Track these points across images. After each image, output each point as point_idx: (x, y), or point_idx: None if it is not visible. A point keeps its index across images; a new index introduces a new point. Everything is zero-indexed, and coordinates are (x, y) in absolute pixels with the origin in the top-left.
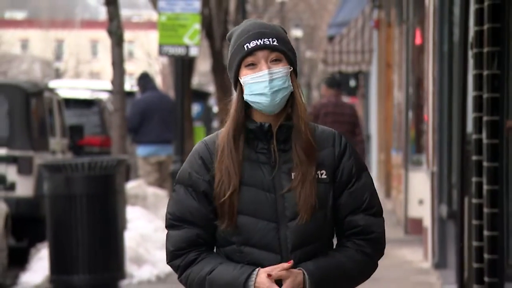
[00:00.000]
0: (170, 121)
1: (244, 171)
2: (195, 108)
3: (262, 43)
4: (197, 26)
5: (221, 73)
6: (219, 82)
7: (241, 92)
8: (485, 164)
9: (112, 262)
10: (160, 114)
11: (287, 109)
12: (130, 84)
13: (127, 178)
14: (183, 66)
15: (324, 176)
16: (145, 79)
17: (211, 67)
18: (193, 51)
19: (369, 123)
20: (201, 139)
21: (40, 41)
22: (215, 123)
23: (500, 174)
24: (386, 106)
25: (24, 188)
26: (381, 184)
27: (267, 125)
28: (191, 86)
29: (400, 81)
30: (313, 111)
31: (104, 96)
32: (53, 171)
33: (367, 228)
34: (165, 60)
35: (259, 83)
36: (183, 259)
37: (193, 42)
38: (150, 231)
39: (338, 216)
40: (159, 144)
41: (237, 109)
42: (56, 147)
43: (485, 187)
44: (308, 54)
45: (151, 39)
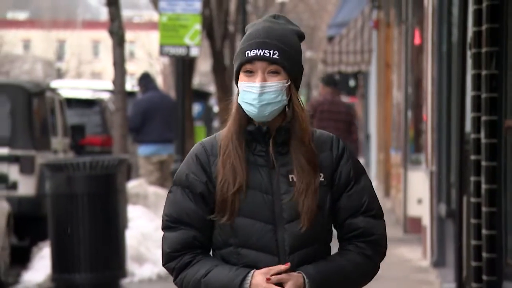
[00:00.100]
0: (172, 120)
1: None
2: (196, 108)
3: (261, 54)
4: (198, 27)
5: (221, 73)
6: (219, 82)
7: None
8: (483, 163)
9: (113, 261)
10: (161, 113)
11: (285, 112)
12: (131, 84)
13: (128, 177)
14: (184, 66)
15: (322, 179)
16: (146, 79)
17: (211, 67)
18: (194, 52)
19: (369, 122)
20: (202, 138)
21: (42, 42)
22: (215, 122)
23: (498, 173)
24: (385, 106)
25: (26, 187)
26: (380, 183)
27: (265, 128)
28: (191, 86)
29: (399, 81)
30: (310, 108)
31: (106, 96)
32: (55, 170)
33: (367, 230)
34: (166, 60)
35: (250, 93)
36: (178, 261)
37: (193, 42)
38: (151, 230)
39: (338, 220)
40: (161, 144)
41: (238, 109)
42: (57, 146)
43: (483, 186)
44: (308, 54)
45: (152, 39)
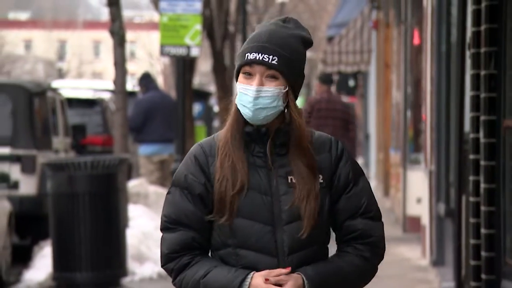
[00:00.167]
0: (172, 120)
1: None
2: (196, 108)
3: (260, 58)
4: (198, 27)
5: (221, 73)
6: (219, 82)
7: None
8: (482, 162)
9: (114, 260)
10: (162, 113)
11: (284, 114)
12: (132, 84)
13: (129, 177)
14: (184, 66)
15: (321, 181)
16: (147, 79)
17: (212, 67)
18: (194, 52)
19: (368, 122)
20: (202, 138)
21: (43, 42)
22: (216, 122)
23: (497, 172)
24: (384, 105)
25: (28, 186)
26: (380, 182)
27: (264, 129)
28: (192, 86)
29: (398, 81)
30: (307, 107)
31: (106, 95)
32: (56, 169)
33: (365, 232)
34: (166, 60)
35: (246, 95)
36: (177, 262)
37: (194, 42)
38: (151, 229)
39: (337, 222)
40: (162, 143)
41: (237, 110)
42: (59, 146)
43: (482, 185)
44: (308, 54)
45: (152, 39)
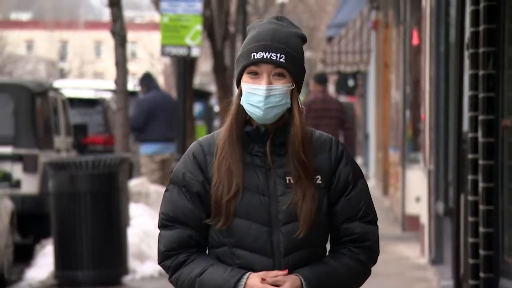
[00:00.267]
0: (173, 120)
1: None
2: (197, 108)
3: (268, 57)
4: (199, 27)
5: (222, 73)
6: (220, 82)
7: (241, 95)
8: (480, 162)
9: (115, 258)
10: (164, 113)
11: (284, 114)
12: (133, 84)
13: (130, 176)
14: (185, 66)
15: (319, 181)
16: (147, 79)
17: (212, 67)
18: (195, 52)
19: (367, 122)
20: None
21: (45, 42)
22: (216, 122)
23: (495, 172)
24: (384, 105)
25: (30, 185)
26: (379, 181)
27: (263, 129)
28: (192, 86)
29: (397, 81)
30: (305, 108)
31: (108, 95)
32: (57, 169)
33: (362, 235)
34: (167, 60)
35: (256, 95)
36: (174, 260)
37: (194, 42)
38: (152, 227)
39: (334, 223)
40: (164, 142)
41: (238, 110)
42: (60, 145)
43: (480, 184)
44: (307, 54)
45: (153, 39)
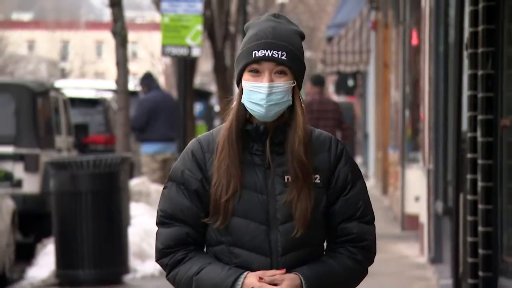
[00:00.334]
0: (174, 119)
1: None
2: (197, 107)
3: (270, 55)
4: (199, 27)
5: (222, 73)
6: (220, 81)
7: (242, 93)
8: (479, 161)
9: (116, 257)
10: (165, 113)
11: (285, 113)
12: (134, 84)
13: (131, 176)
14: (185, 66)
15: (318, 181)
16: (148, 79)
17: (212, 67)
18: (195, 52)
19: (367, 122)
20: None
21: (46, 42)
22: (216, 121)
23: (494, 171)
24: (383, 105)
25: (31, 185)
26: (378, 181)
27: (262, 127)
28: (193, 86)
29: (397, 81)
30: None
31: (109, 95)
32: (59, 168)
33: (360, 235)
34: (168, 60)
35: (258, 93)
36: (171, 257)
37: (195, 42)
38: (153, 227)
39: (331, 223)
40: (165, 142)
41: (238, 109)
42: (61, 145)
43: (479, 184)
44: (307, 54)
45: (154, 40)
